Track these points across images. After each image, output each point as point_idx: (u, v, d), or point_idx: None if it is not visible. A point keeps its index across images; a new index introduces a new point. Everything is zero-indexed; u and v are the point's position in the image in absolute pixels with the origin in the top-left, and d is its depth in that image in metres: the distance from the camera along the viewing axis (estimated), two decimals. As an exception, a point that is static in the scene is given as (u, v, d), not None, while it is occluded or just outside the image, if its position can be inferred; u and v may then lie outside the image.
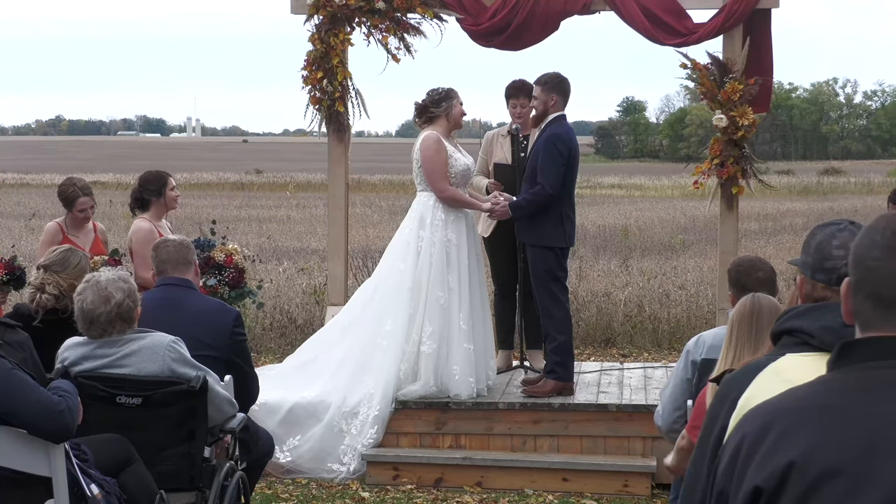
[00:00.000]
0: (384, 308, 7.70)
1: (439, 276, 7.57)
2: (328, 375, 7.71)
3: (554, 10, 8.35)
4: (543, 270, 7.53)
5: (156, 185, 7.50)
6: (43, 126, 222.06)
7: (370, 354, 7.64)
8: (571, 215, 7.68)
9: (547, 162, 7.43)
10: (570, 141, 7.57)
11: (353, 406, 7.49)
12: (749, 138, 8.30)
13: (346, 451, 7.41)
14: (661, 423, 5.24)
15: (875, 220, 1.88)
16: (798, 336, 2.36)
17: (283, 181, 49.62)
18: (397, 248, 7.84)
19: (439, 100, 7.77)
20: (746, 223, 23.35)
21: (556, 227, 7.52)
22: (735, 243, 8.47)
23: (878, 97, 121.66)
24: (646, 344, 11.70)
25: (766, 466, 1.75)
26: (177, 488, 4.86)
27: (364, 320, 7.80)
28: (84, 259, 5.88)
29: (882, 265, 1.79)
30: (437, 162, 7.64)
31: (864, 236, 1.85)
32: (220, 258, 7.55)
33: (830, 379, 1.84)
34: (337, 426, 7.45)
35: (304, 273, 14.62)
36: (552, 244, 7.52)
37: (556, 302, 7.53)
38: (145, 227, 7.36)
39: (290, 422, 7.47)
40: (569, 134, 7.64)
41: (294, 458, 7.41)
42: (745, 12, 8.16)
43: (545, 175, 7.42)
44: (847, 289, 1.87)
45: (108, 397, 4.77)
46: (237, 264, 7.58)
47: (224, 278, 7.52)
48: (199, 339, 5.23)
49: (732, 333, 4.20)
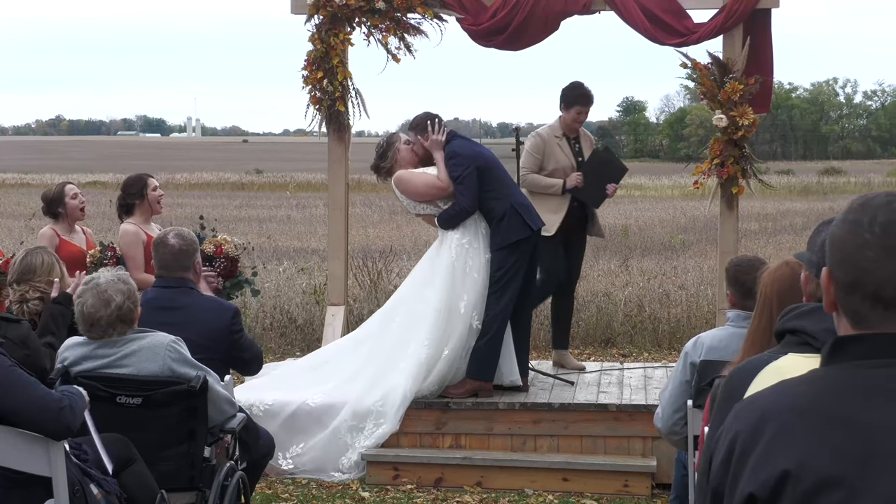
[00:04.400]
0: (409, 331, 7.65)
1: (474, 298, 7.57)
2: (337, 383, 7.65)
3: (554, 10, 8.35)
4: (498, 269, 7.55)
5: (136, 188, 7.57)
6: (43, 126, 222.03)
7: (386, 373, 7.57)
8: (523, 202, 7.69)
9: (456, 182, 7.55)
10: (467, 158, 7.59)
11: (360, 419, 7.45)
12: (749, 138, 8.31)
13: (346, 461, 7.40)
14: (661, 424, 5.23)
15: (855, 210, 1.82)
16: (801, 336, 2.36)
17: (283, 181, 49.64)
18: (421, 269, 7.87)
19: (383, 153, 7.83)
20: (746, 223, 23.34)
21: (513, 217, 7.54)
22: (735, 243, 8.47)
23: (878, 97, 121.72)
24: (646, 344, 11.70)
25: (761, 474, 1.72)
26: (177, 488, 4.86)
27: (385, 338, 7.76)
28: (45, 253, 5.96)
29: (879, 266, 1.75)
30: (420, 182, 7.66)
31: (851, 231, 1.79)
32: (210, 250, 7.56)
33: (824, 377, 1.81)
34: (342, 438, 7.41)
35: (304, 273, 14.61)
36: (519, 237, 7.53)
37: (497, 303, 7.55)
38: (131, 230, 7.43)
39: (293, 427, 7.43)
40: (464, 150, 7.67)
41: (296, 466, 7.40)
42: (745, 12, 8.17)
43: (457, 193, 7.56)
44: (830, 281, 1.83)
45: (108, 397, 4.77)
46: (227, 253, 7.58)
47: (216, 269, 7.53)
48: (197, 341, 5.21)
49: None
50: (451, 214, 7.63)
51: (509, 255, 7.52)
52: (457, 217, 7.61)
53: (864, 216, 1.79)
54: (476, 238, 7.63)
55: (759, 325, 3.73)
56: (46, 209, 7.77)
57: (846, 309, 1.81)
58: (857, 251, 1.78)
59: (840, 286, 1.81)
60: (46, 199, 7.78)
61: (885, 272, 1.75)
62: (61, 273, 5.98)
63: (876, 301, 1.76)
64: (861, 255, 1.77)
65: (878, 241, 1.76)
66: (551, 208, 8.25)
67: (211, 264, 7.45)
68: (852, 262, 1.79)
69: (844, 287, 1.80)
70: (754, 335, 3.74)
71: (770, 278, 3.79)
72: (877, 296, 1.76)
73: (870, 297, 1.77)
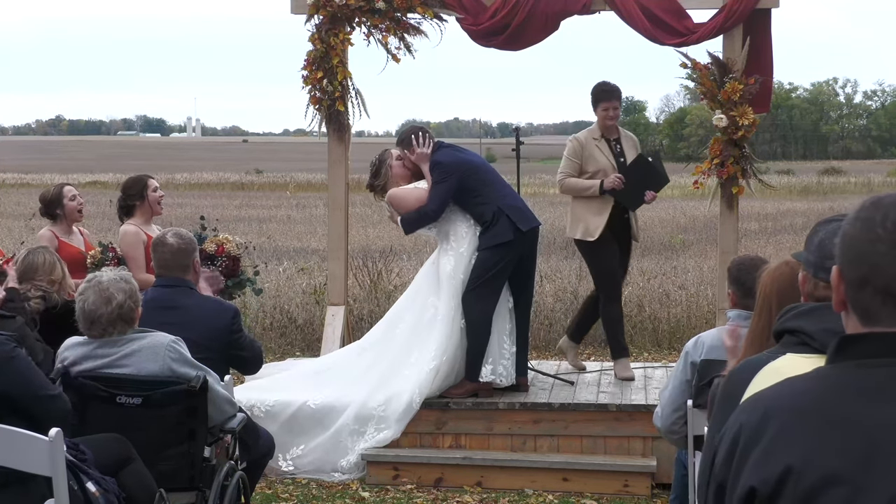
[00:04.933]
0: (414, 338, 7.67)
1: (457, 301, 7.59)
2: (340, 385, 7.66)
3: (554, 10, 8.35)
4: (480, 268, 7.55)
5: (136, 190, 7.59)
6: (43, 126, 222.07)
7: (390, 378, 7.58)
8: (514, 204, 7.68)
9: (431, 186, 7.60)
10: (449, 166, 7.61)
11: (362, 423, 7.45)
12: (749, 138, 8.30)
13: (346, 463, 7.40)
14: (661, 424, 5.23)
15: (867, 209, 1.82)
16: (799, 336, 2.36)
17: (283, 181, 49.63)
18: (425, 277, 7.88)
19: (376, 172, 7.89)
20: (746, 223, 23.35)
21: (501, 220, 7.54)
22: (735, 243, 8.47)
23: (878, 97, 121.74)
24: (646, 344, 11.70)
25: (763, 468, 1.72)
26: (177, 488, 4.86)
27: (390, 345, 7.78)
28: (47, 253, 6.06)
29: (890, 260, 1.76)
30: (412, 199, 7.67)
31: (863, 228, 1.80)
32: (212, 249, 7.58)
33: (828, 375, 1.81)
34: (343, 442, 7.42)
35: (304, 273, 14.61)
36: (503, 240, 7.53)
37: (479, 302, 7.55)
38: (131, 231, 7.46)
39: (293, 428, 7.43)
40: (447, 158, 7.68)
41: (297, 467, 7.41)
42: (745, 12, 8.17)
43: (429, 198, 7.58)
44: (840, 279, 1.83)
45: (108, 397, 4.77)
46: (229, 252, 7.60)
47: (218, 268, 7.53)
48: (197, 341, 5.21)
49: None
50: (414, 218, 7.66)
51: (493, 255, 7.54)
52: (419, 220, 7.66)
53: (877, 214, 1.80)
54: (472, 247, 7.65)
55: (759, 324, 3.73)
56: (44, 210, 7.78)
57: (856, 306, 1.82)
58: (870, 246, 1.79)
59: (851, 283, 1.82)
60: (45, 200, 7.79)
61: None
62: (63, 273, 6.01)
63: (887, 295, 1.77)
64: (873, 249, 1.78)
65: (890, 236, 1.77)
66: (594, 210, 8.15)
67: (213, 263, 7.47)
68: (864, 258, 1.79)
69: (855, 283, 1.81)
70: (754, 334, 3.74)
71: (770, 278, 3.78)
72: (888, 290, 1.77)
73: (881, 291, 1.77)
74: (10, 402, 4.38)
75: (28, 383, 4.43)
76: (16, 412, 4.38)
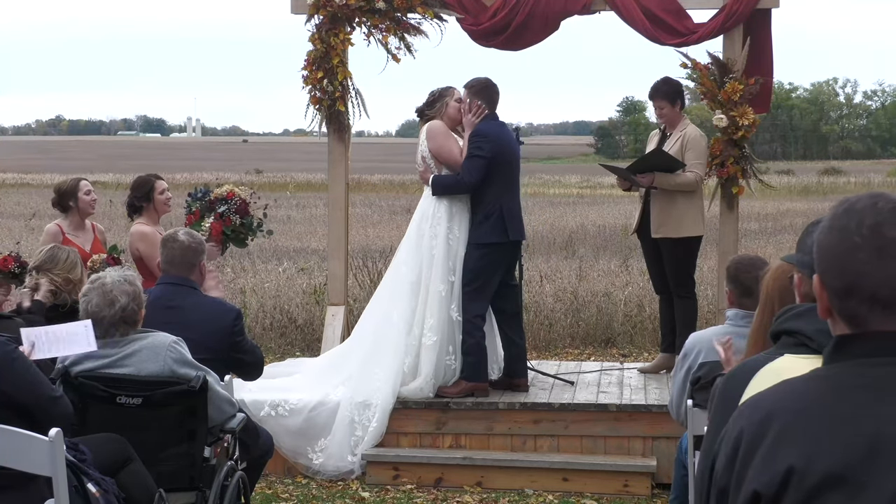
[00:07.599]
0: (391, 302, 7.76)
1: (441, 270, 7.58)
2: (343, 370, 7.77)
3: (554, 10, 8.36)
4: (470, 269, 7.56)
5: (143, 192, 7.59)
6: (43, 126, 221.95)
7: (379, 347, 7.67)
8: (514, 210, 7.69)
9: (468, 156, 7.55)
10: (491, 144, 7.57)
11: (364, 398, 7.51)
12: (749, 138, 8.31)
13: (357, 441, 7.44)
14: (674, 415, 5.43)
15: (840, 217, 1.80)
16: (797, 337, 2.36)
17: (283, 181, 49.58)
18: (403, 244, 7.92)
19: (432, 101, 7.84)
20: (746, 223, 23.33)
21: (497, 220, 7.55)
22: (735, 243, 8.48)
23: (878, 97, 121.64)
24: (646, 344, 11.69)
25: (766, 471, 1.73)
26: (177, 488, 4.86)
27: (374, 315, 7.87)
28: (72, 253, 6.09)
29: (873, 268, 1.75)
30: (446, 145, 7.67)
31: (840, 238, 1.78)
32: (223, 192, 7.63)
33: (827, 375, 1.81)
34: (349, 416, 7.48)
35: (304, 273, 14.61)
36: (494, 240, 7.55)
37: (473, 302, 7.55)
38: (148, 231, 7.44)
39: (316, 423, 7.48)
40: (492, 134, 7.63)
41: (325, 460, 7.43)
42: (745, 12, 8.17)
43: (463, 167, 7.54)
44: (822, 289, 1.82)
45: (108, 397, 4.77)
46: (239, 195, 7.67)
47: (231, 208, 7.57)
48: (198, 341, 5.21)
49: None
50: (447, 183, 7.64)
51: (484, 255, 7.56)
52: (453, 188, 7.62)
53: (851, 221, 1.78)
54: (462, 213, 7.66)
55: (762, 323, 3.75)
56: (57, 201, 7.69)
57: (843, 314, 1.81)
58: (849, 255, 1.77)
59: (834, 292, 1.80)
60: (59, 191, 7.72)
61: (881, 273, 1.75)
62: (81, 277, 6.03)
63: (874, 303, 1.76)
64: (853, 258, 1.76)
65: (868, 243, 1.75)
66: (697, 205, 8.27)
67: (226, 204, 7.52)
68: (845, 268, 1.78)
69: (839, 293, 1.80)
70: (756, 334, 3.76)
71: (772, 277, 3.80)
72: (875, 298, 1.76)
73: (867, 300, 1.77)
74: (12, 403, 4.38)
75: (30, 385, 4.43)
76: (17, 413, 4.38)
